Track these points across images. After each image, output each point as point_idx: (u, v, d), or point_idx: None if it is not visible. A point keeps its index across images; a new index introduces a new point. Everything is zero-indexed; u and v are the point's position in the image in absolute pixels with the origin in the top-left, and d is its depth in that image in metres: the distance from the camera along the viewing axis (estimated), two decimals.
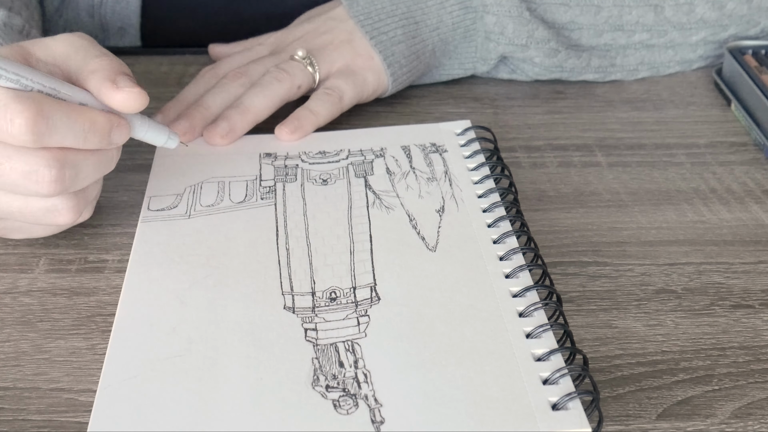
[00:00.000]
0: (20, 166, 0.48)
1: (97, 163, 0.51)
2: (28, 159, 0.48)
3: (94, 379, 0.46)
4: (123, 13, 0.81)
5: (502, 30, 0.70)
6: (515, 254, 0.51)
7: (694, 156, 0.65)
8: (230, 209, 0.56)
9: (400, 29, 0.68)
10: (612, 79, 0.75)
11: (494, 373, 0.44)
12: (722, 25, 0.74)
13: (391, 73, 0.67)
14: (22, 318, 0.50)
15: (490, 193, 0.57)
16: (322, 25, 0.69)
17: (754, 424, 0.44)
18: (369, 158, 0.61)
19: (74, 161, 0.49)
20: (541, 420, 0.41)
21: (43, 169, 0.48)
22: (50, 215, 0.51)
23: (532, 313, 0.47)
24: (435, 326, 0.47)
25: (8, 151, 0.48)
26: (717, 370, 0.47)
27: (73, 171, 0.49)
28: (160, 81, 0.74)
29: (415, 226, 0.54)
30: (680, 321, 0.50)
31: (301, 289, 0.50)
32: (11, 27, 0.64)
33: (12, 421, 0.44)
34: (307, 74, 0.66)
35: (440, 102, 0.72)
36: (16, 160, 0.48)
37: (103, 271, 0.54)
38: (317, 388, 0.43)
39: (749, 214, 0.59)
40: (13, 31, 0.64)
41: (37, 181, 0.48)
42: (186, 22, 0.83)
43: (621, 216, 0.59)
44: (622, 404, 0.45)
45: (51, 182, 0.48)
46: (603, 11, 0.72)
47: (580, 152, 0.66)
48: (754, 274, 0.54)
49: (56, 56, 0.52)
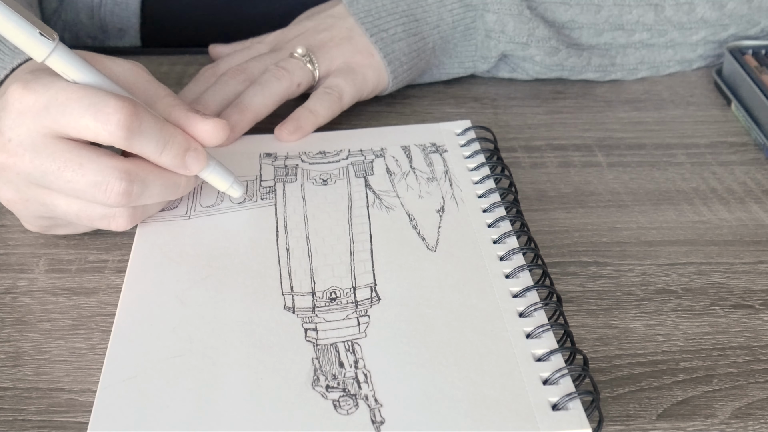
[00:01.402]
0: (92, 175, 0.48)
1: (164, 186, 0.51)
2: (101, 168, 0.48)
3: (94, 379, 0.46)
4: (122, 14, 0.81)
5: (503, 28, 0.70)
6: (515, 254, 0.51)
7: (694, 156, 0.65)
8: (230, 209, 0.56)
9: (400, 27, 0.68)
10: (612, 79, 0.75)
11: (494, 373, 0.44)
12: (722, 24, 0.74)
13: (392, 70, 0.67)
14: (22, 318, 0.50)
15: (490, 193, 0.57)
16: (322, 22, 0.69)
17: (754, 424, 0.44)
18: (369, 158, 0.61)
19: (144, 178, 0.50)
20: (541, 420, 0.41)
21: (114, 180, 0.48)
22: (106, 221, 0.52)
23: (533, 313, 0.47)
24: (435, 326, 0.47)
25: (81, 158, 0.48)
26: (717, 370, 0.47)
27: (140, 188, 0.50)
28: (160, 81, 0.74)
29: (415, 226, 0.54)
30: (680, 321, 0.50)
31: (301, 290, 0.50)
32: None
33: (12, 422, 0.44)
34: (306, 72, 0.66)
35: (440, 102, 0.72)
36: (89, 168, 0.48)
37: (103, 271, 0.54)
38: (317, 388, 0.43)
39: (749, 214, 0.59)
40: None
41: (105, 191, 0.49)
42: (186, 22, 0.83)
43: (621, 216, 0.59)
44: (623, 404, 0.45)
45: (119, 194, 0.49)
46: (603, 10, 0.72)
47: (580, 152, 0.66)
48: (754, 274, 0.54)
49: (119, 80, 0.52)
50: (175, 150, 0.50)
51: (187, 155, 0.51)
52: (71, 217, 0.51)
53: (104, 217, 0.51)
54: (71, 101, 0.47)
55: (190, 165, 0.51)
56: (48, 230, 0.54)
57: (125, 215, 0.52)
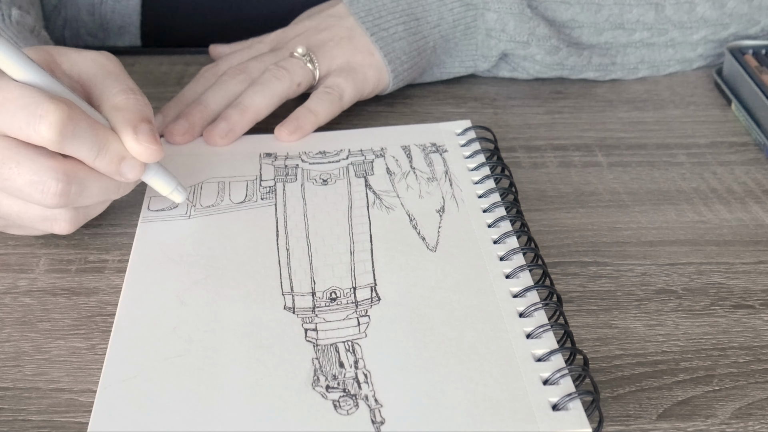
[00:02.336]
0: (28, 174, 0.48)
1: (104, 187, 0.51)
2: (38, 168, 0.48)
3: (94, 379, 0.46)
4: (123, 11, 0.81)
5: (504, 27, 0.70)
6: (515, 254, 0.51)
7: (695, 156, 0.65)
8: (230, 209, 0.56)
9: (401, 26, 0.68)
10: (612, 78, 0.75)
11: (494, 373, 0.44)
12: (723, 23, 0.74)
13: (392, 69, 0.67)
14: (22, 318, 0.50)
15: (490, 193, 0.57)
16: (323, 22, 0.69)
17: (754, 424, 0.44)
18: (369, 158, 0.61)
19: (82, 179, 0.49)
20: (542, 420, 0.41)
21: (50, 180, 0.48)
22: (47, 223, 0.51)
23: (533, 314, 0.47)
24: (435, 326, 0.47)
25: (20, 157, 0.48)
26: (717, 370, 0.47)
27: (79, 188, 0.49)
28: (160, 81, 0.74)
29: (415, 226, 0.54)
30: (680, 321, 0.50)
31: (301, 290, 0.50)
32: (24, 26, 0.64)
33: (12, 422, 0.44)
34: (306, 71, 0.66)
35: (440, 102, 0.72)
36: (26, 167, 0.48)
37: (103, 271, 0.54)
38: (317, 388, 0.43)
39: (749, 214, 0.59)
40: (26, 30, 0.64)
41: (42, 191, 0.48)
42: (186, 22, 0.83)
43: (621, 216, 0.59)
44: (623, 404, 0.45)
45: (55, 195, 0.48)
46: (604, 9, 0.72)
47: (580, 152, 0.66)
48: (754, 274, 0.54)
49: (81, 73, 0.51)
50: (109, 158, 0.49)
51: (123, 163, 0.50)
52: (14, 218, 0.51)
53: (45, 219, 0.51)
54: (7, 101, 0.47)
55: (125, 173, 0.50)
56: (4, 229, 0.54)
57: (66, 218, 0.51)
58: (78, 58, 0.52)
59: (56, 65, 0.52)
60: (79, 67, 0.52)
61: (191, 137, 0.63)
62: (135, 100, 0.51)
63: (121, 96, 0.51)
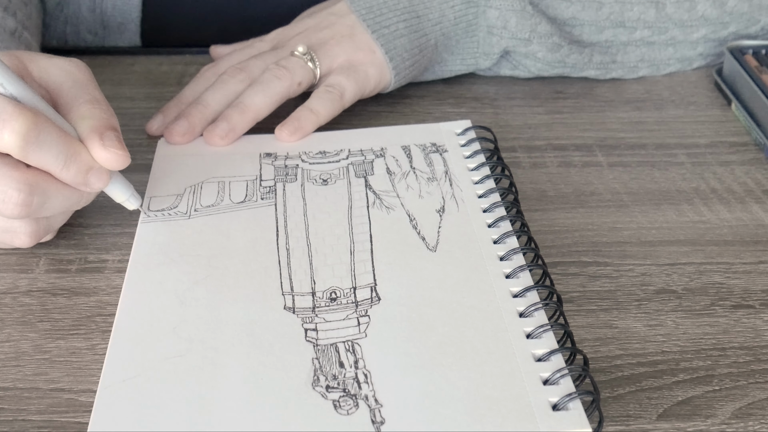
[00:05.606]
0: None
1: (66, 197, 0.50)
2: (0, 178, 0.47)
3: (94, 379, 0.46)
4: (124, 8, 0.81)
5: (505, 24, 0.70)
6: (515, 254, 0.51)
7: (695, 156, 0.65)
8: (230, 209, 0.56)
9: (402, 23, 0.68)
10: (612, 77, 0.75)
11: (494, 373, 0.44)
12: (723, 22, 0.74)
13: (394, 67, 0.67)
14: (22, 318, 0.50)
15: (490, 193, 0.57)
16: (324, 20, 0.69)
17: (754, 424, 0.44)
18: (369, 158, 0.61)
19: (45, 189, 0.49)
20: (542, 420, 0.41)
21: (11, 191, 0.47)
22: (7, 236, 0.51)
23: (533, 314, 0.47)
24: (435, 326, 0.47)
25: None
26: (717, 370, 0.47)
27: (41, 199, 0.49)
28: (160, 81, 0.74)
29: (415, 226, 0.54)
30: (681, 321, 0.50)
31: (301, 290, 0.50)
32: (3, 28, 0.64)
33: (12, 422, 0.44)
34: (307, 70, 0.66)
35: (440, 102, 0.72)
36: None
37: (103, 271, 0.54)
38: (317, 388, 0.43)
39: (750, 214, 0.59)
40: (5, 32, 0.64)
41: (3, 201, 0.48)
42: (186, 20, 0.83)
43: (621, 216, 0.59)
44: (623, 404, 0.45)
45: (16, 205, 0.48)
46: (605, 7, 0.72)
47: (580, 152, 0.66)
48: (754, 274, 0.54)
49: (50, 81, 0.51)
50: (76, 167, 0.49)
51: (90, 173, 0.50)
52: None
53: (6, 230, 0.50)
54: None
55: (92, 183, 0.50)
56: None
57: (27, 231, 0.51)
58: (47, 65, 0.51)
59: (26, 72, 0.51)
60: (48, 74, 0.51)
61: (191, 137, 0.63)
62: (100, 111, 0.51)
63: (87, 106, 0.51)
